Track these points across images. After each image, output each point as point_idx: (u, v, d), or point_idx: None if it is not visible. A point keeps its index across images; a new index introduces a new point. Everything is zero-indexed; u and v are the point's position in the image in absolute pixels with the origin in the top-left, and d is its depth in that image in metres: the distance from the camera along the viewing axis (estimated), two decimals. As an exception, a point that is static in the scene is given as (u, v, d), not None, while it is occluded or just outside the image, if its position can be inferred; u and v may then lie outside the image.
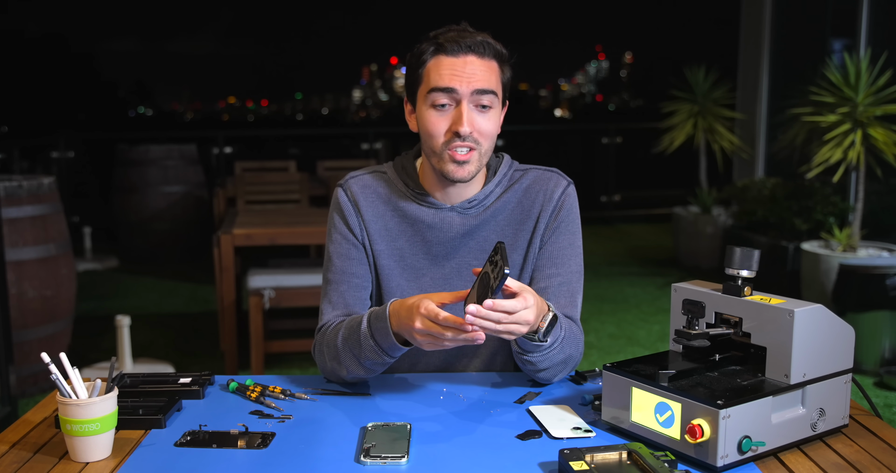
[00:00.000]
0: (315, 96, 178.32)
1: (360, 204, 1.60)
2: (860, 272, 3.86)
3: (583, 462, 1.11)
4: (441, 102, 1.49)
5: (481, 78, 1.48)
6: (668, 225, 7.16)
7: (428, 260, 1.59)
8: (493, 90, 1.50)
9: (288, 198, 5.24)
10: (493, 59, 1.50)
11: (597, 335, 4.59)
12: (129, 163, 6.74)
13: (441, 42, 1.49)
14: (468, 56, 1.48)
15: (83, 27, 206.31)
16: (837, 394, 1.26)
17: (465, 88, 1.47)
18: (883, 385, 3.70)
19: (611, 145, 9.19)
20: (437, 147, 1.50)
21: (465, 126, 1.47)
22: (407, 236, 1.59)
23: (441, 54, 1.49)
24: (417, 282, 1.59)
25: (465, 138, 1.48)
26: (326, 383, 1.55)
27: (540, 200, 1.59)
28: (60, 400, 1.20)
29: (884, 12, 5.33)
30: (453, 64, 1.48)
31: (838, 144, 4.55)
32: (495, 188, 1.60)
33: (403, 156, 1.66)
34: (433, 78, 1.49)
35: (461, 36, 1.49)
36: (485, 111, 1.50)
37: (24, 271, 3.54)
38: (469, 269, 1.59)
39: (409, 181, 1.61)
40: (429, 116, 1.50)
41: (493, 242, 1.58)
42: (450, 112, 1.49)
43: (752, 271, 1.27)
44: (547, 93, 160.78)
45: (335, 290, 1.59)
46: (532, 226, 1.59)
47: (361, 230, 1.60)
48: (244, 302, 4.49)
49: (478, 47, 1.48)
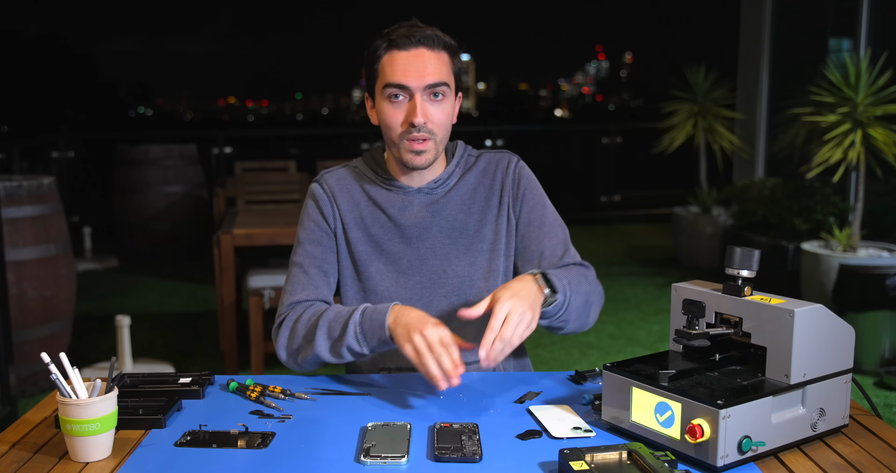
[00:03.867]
0: (315, 96, 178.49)
1: (336, 195, 1.69)
2: (860, 272, 3.86)
3: (583, 462, 1.11)
4: (395, 94, 1.57)
5: (433, 71, 1.56)
6: (668, 225, 7.16)
7: (403, 243, 1.67)
8: (445, 82, 1.58)
9: (288, 198, 5.23)
10: (443, 50, 1.60)
11: (597, 335, 4.59)
12: (129, 163, 6.74)
13: (393, 38, 1.58)
14: (419, 49, 1.57)
15: (83, 27, 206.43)
16: (837, 394, 1.26)
17: (417, 83, 1.56)
18: (883, 385, 3.70)
19: (611, 145, 9.18)
20: (395, 138, 1.60)
21: (419, 117, 1.56)
22: (380, 222, 1.67)
23: (393, 49, 1.58)
24: (395, 265, 1.67)
25: (420, 129, 1.57)
26: (317, 374, 1.55)
27: (499, 177, 1.70)
28: (60, 400, 1.20)
29: (884, 12, 5.33)
30: (406, 58, 1.56)
31: (838, 144, 4.55)
32: (455, 169, 1.70)
33: (373, 148, 1.76)
34: (388, 73, 1.58)
35: (411, 31, 1.58)
36: (437, 101, 1.59)
37: (24, 271, 3.54)
38: (441, 248, 1.67)
39: (377, 169, 1.70)
40: (385, 109, 1.59)
41: (460, 219, 1.68)
42: (404, 104, 1.58)
43: (753, 271, 1.27)
44: (547, 93, 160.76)
45: (304, 273, 1.66)
46: (497, 201, 1.69)
47: (335, 220, 1.68)
48: (244, 302, 4.49)
49: (427, 40, 1.57)
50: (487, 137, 8.70)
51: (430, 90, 1.57)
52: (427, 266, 1.66)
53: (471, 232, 1.68)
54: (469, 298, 1.67)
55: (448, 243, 1.67)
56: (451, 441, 1.23)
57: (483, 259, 1.68)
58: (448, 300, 1.66)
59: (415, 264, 1.66)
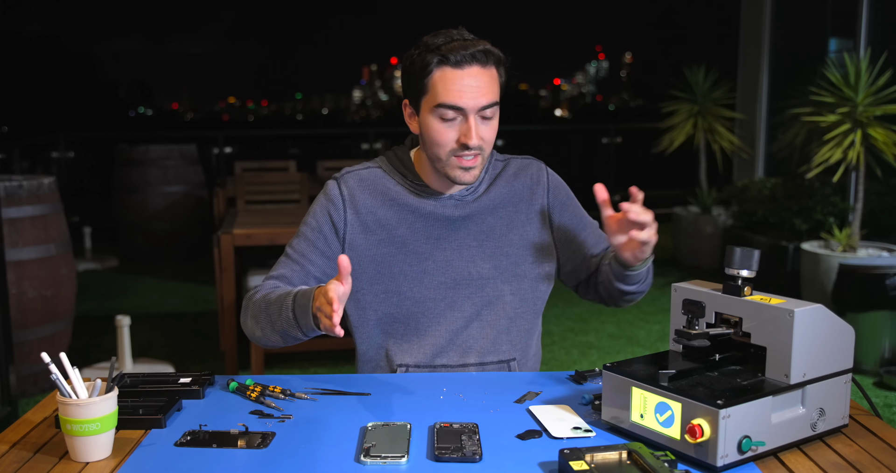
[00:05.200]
0: (315, 96, 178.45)
1: (357, 198, 1.66)
2: (860, 272, 3.86)
3: (583, 462, 1.11)
4: (449, 118, 1.55)
5: (486, 92, 1.55)
6: (668, 225, 7.15)
7: (429, 244, 1.66)
8: (497, 101, 1.58)
9: (288, 198, 5.23)
10: (493, 66, 1.58)
11: (597, 335, 4.59)
12: (129, 163, 6.74)
13: (445, 52, 1.53)
14: (472, 67, 1.54)
15: (83, 27, 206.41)
16: (837, 394, 1.26)
17: (472, 105, 1.54)
18: (883, 385, 3.70)
19: (611, 145, 9.19)
20: (444, 155, 1.58)
21: (475, 140, 1.55)
22: (407, 223, 1.65)
23: (445, 66, 1.54)
24: (421, 265, 1.65)
25: (471, 147, 1.56)
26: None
27: (528, 184, 1.72)
28: (60, 400, 1.20)
29: (884, 12, 5.33)
30: (461, 78, 1.53)
31: (838, 144, 4.55)
32: (485, 176, 1.70)
33: (397, 148, 1.73)
34: (440, 92, 1.54)
35: (464, 46, 1.54)
36: (488, 121, 1.58)
37: (24, 271, 3.55)
38: (468, 250, 1.67)
39: (405, 172, 1.68)
40: (436, 127, 1.57)
41: (488, 222, 1.69)
42: (457, 124, 1.56)
43: (752, 271, 1.27)
44: (547, 93, 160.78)
45: (288, 266, 1.67)
46: (526, 207, 1.71)
47: (343, 224, 1.65)
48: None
49: (481, 57, 1.55)
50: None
51: (482, 111, 1.56)
52: (452, 267, 1.65)
53: (497, 236, 1.68)
54: (492, 301, 1.67)
55: (475, 245, 1.67)
56: (451, 441, 1.23)
57: (508, 263, 1.68)
58: (471, 301, 1.66)
59: (440, 265, 1.65)
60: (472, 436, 1.25)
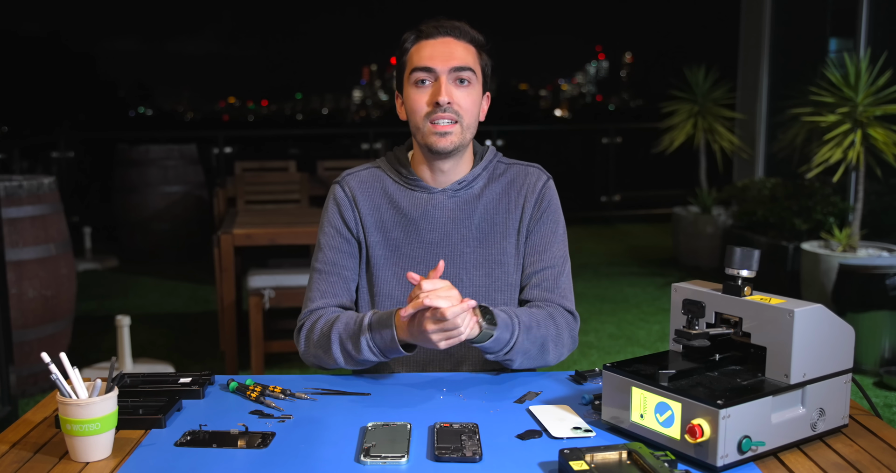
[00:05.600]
0: (315, 96, 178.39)
1: (358, 199, 1.67)
2: (860, 272, 3.86)
3: (583, 462, 1.11)
4: (421, 79, 1.59)
5: (458, 56, 1.59)
6: (668, 225, 7.16)
7: (422, 249, 1.65)
8: (470, 67, 1.60)
9: (288, 198, 5.23)
10: (469, 43, 1.62)
11: (597, 335, 4.59)
12: (129, 163, 6.74)
13: (422, 28, 1.62)
14: (446, 38, 1.61)
15: (83, 27, 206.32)
16: (837, 394, 1.26)
17: (443, 66, 1.58)
18: (883, 385, 3.70)
19: (611, 145, 9.19)
20: (420, 121, 1.60)
21: (444, 96, 1.56)
22: (401, 226, 1.66)
23: (421, 39, 1.62)
24: (412, 270, 1.63)
25: (445, 109, 1.57)
26: (324, 369, 1.55)
27: (524, 192, 1.68)
28: (60, 400, 1.20)
29: (884, 12, 5.33)
30: (433, 45, 1.60)
31: (838, 144, 4.55)
32: (482, 172, 1.68)
33: (396, 148, 1.74)
34: (415, 60, 1.60)
35: (439, 23, 1.62)
36: (463, 86, 1.60)
37: (24, 271, 3.55)
38: (460, 257, 1.65)
39: (401, 169, 1.69)
40: (412, 95, 1.61)
41: (483, 229, 1.65)
42: (430, 87, 1.59)
43: (752, 271, 1.27)
44: (547, 93, 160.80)
45: (325, 279, 1.66)
46: (518, 216, 1.67)
47: (357, 225, 1.67)
48: (244, 302, 4.49)
49: (455, 31, 1.61)
50: (487, 137, 8.70)
51: (455, 74, 1.58)
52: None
53: (491, 244, 1.66)
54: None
55: (468, 252, 1.65)
56: (451, 441, 1.23)
57: (500, 272, 1.66)
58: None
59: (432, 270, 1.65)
60: (472, 436, 1.25)
